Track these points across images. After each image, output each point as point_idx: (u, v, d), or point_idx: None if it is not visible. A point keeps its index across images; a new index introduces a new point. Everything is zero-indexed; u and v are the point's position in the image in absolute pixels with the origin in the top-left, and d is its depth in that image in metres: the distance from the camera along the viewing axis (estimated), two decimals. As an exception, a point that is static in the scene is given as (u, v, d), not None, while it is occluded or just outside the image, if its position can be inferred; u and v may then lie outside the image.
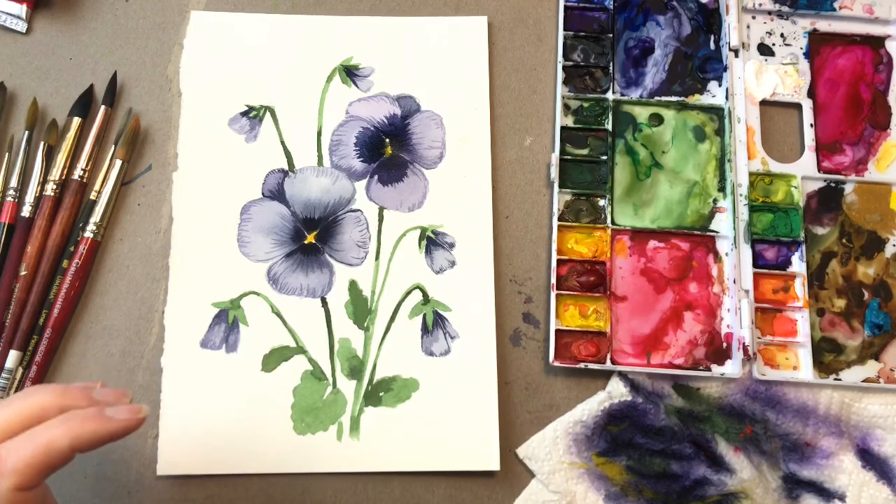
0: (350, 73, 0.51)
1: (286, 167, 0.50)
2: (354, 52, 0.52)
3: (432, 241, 0.48)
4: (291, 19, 0.52)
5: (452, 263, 0.48)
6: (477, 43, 0.52)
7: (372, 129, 0.50)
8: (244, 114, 0.50)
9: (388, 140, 0.50)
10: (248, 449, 0.45)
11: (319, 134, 0.50)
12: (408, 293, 0.48)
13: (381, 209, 0.49)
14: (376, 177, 0.50)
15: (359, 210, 0.49)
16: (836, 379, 0.47)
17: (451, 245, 0.48)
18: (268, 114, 0.50)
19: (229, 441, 0.45)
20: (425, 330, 0.47)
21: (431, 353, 0.47)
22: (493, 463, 0.45)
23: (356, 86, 0.51)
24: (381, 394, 0.46)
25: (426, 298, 0.48)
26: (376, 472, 0.45)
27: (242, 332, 0.47)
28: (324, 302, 0.47)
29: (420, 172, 0.50)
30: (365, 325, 0.47)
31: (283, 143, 0.50)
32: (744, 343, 0.47)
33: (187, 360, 0.46)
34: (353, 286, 0.48)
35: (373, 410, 0.46)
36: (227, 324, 0.47)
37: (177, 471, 0.44)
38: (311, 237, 0.49)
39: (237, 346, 0.46)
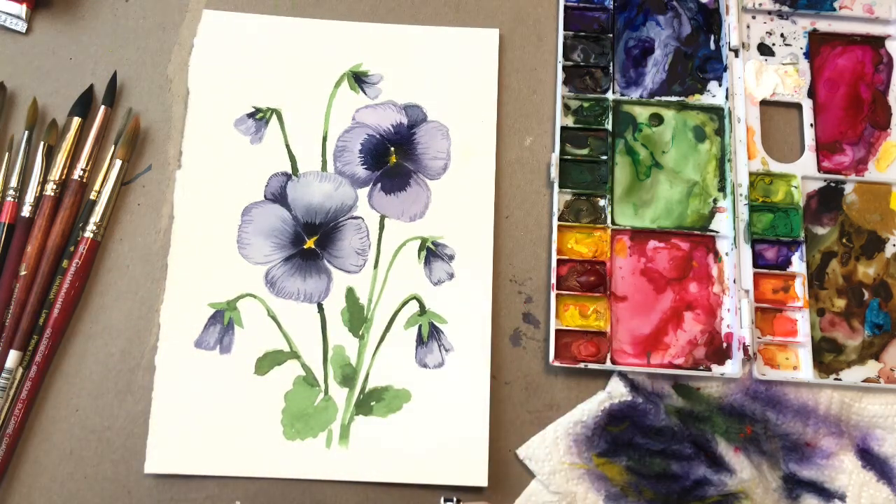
0: (359, 79, 0.51)
1: (290, 171, 0.50)
2: (364, 58, 0.52)
3: (432, 253, 0.48)
4: (302, 22, 0.52)
5: (451, 276, 0.48)
6: (487, 55, 0.52)
7: (377, 136, 0.50)
8: (251, 115, 0.50)
9: (392, 149, 0.50)
10: (236, 451, 0.45)
11: (325, 139, 0.50)
12: (404, 303, 0.48)
13: (383, 217, 0.49)
14: (379, 185, 0.50)
15: (360, 217, 0.49)
16: (836, 379, 0.47)
17: (451, 257, 0.48)
18: (274, 116, 0.50)
19: (218, 442, 0.45)
20: (420, 341, 0.47)
21: (425, 365, 0.47)
22: (480, 479, 0.45)
23: (364, 93, 0.51)
24: (372, 403, 0.46)
25: (423, 309, 0.47)
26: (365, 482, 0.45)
27: (237, 334, 0.47)
28: (320, 308, 0.47)
29: (423, 182, 0.50)
30: (360, 333, 0.47)
31: (287, 146, 0.50)
32: (744, 343, 0.47)
33: (181, 359, 0.46)
34: (350, 293, 0.48)
35: (363, 420, 0.46)
36: (222, 325, 0.47)
37: (165, 469, 0.44)
38: (311, 242, 0.48)
39: (231, 347, 0.46)
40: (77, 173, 0.48)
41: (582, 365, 0.46)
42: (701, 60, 0.53)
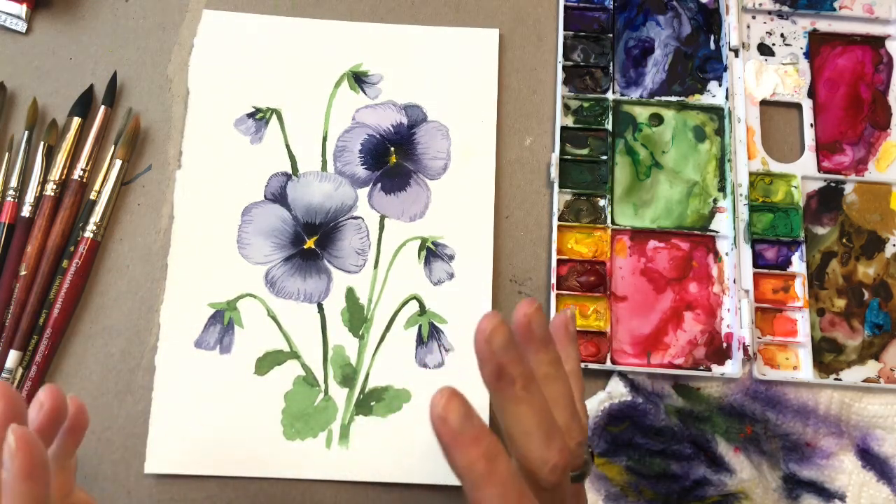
0: (359, 79, 0.51)
1: (290, 171, 0.49)
2: (364, 58, 0.52)
3: (432, 253, 0.48)
4: (302, 22, 0.52)
5: (451, 276, 0.48)
6: (488, 55, 0.52)
7: (377, 136, 0.50)
8: (251, 115, 0.50)
9: (392, 149, 0.50)
10: (236, 451, 0.45)
11: (325, 139, 0.50)
12: (404, 303, 0.48)
13: (383, 217, 0.49)
14: (379, 185, 0.50)
15: (360, 217, 0.49)
16: (836, 379, 0.47)
17: (451, 257, 0.48)
18: (274, 116, 0.50)
19: (218, 442, 0.45)
20: (420, 341, 0.47)
21: (425, 365, 0.46)
22: None
23: (364, 92, 0.51)
24: (372, 403, 0.46)
25: (423, 309, 0.47)
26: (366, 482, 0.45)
27: (237, 334, 0.47)
28: (320, 308, 0.47)
29: (423, 182, 0.50)
30: (360, 333, 0.47)
31: (287, 146, 0.50)
32: (744, 343, 0.47)
33: (181, 359, 0.46)
34: (350, 293, 0.48)
35: (363, 420, 0.45)
36: (222, 325, 0.47)
37: (165, 469, 0.44)
38: (311, 242, 0.48)
39: (231, 347, 0.46)
40: (77, 173, 0.48)
41: (582, 365, 0.46)
42: (701, 60, 0.53)
